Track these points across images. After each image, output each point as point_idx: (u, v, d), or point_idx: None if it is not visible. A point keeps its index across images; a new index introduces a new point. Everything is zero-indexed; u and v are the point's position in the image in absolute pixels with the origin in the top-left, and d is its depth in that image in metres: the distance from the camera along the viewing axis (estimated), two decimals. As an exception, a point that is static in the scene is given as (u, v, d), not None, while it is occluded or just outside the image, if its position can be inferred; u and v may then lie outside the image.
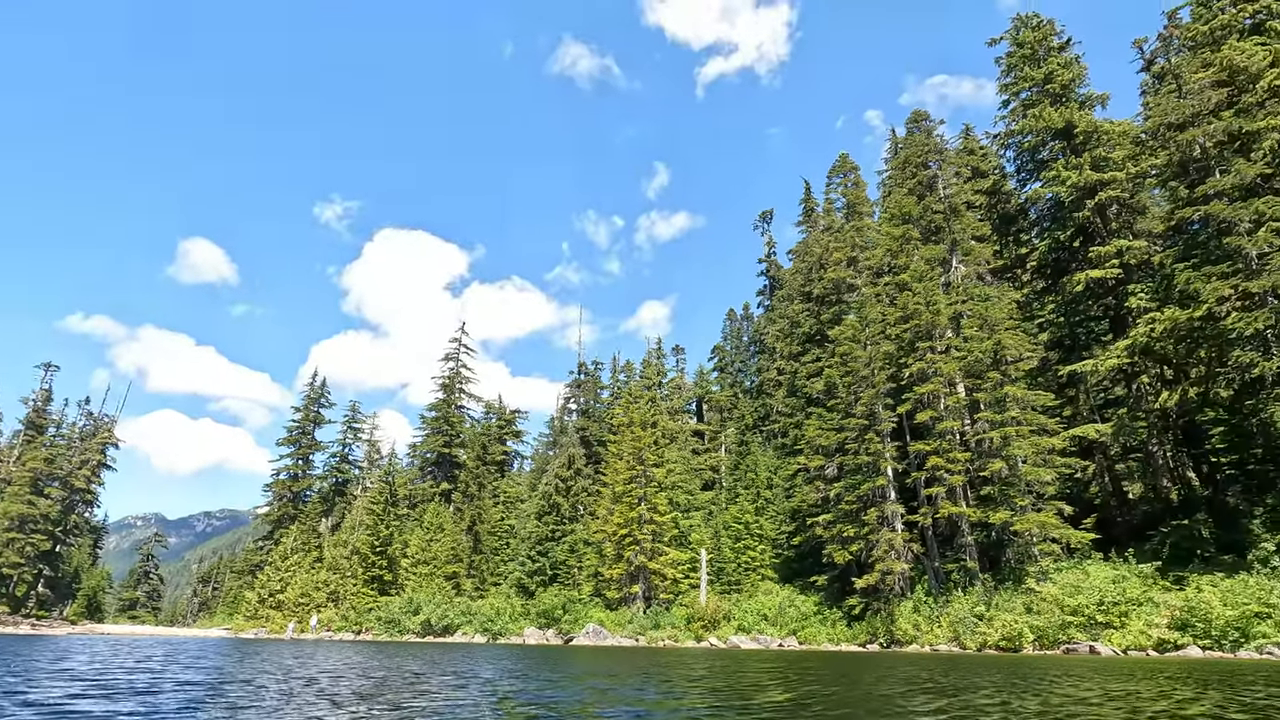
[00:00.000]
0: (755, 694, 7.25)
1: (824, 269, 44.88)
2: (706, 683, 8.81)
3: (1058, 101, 35.55)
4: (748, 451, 48.57)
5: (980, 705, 6.28)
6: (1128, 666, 14.41)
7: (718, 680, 9.34)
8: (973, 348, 30.99)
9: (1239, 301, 23.75)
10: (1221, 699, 6.92)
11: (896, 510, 30.93)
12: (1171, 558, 25.57)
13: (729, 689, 7.87)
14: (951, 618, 26.60)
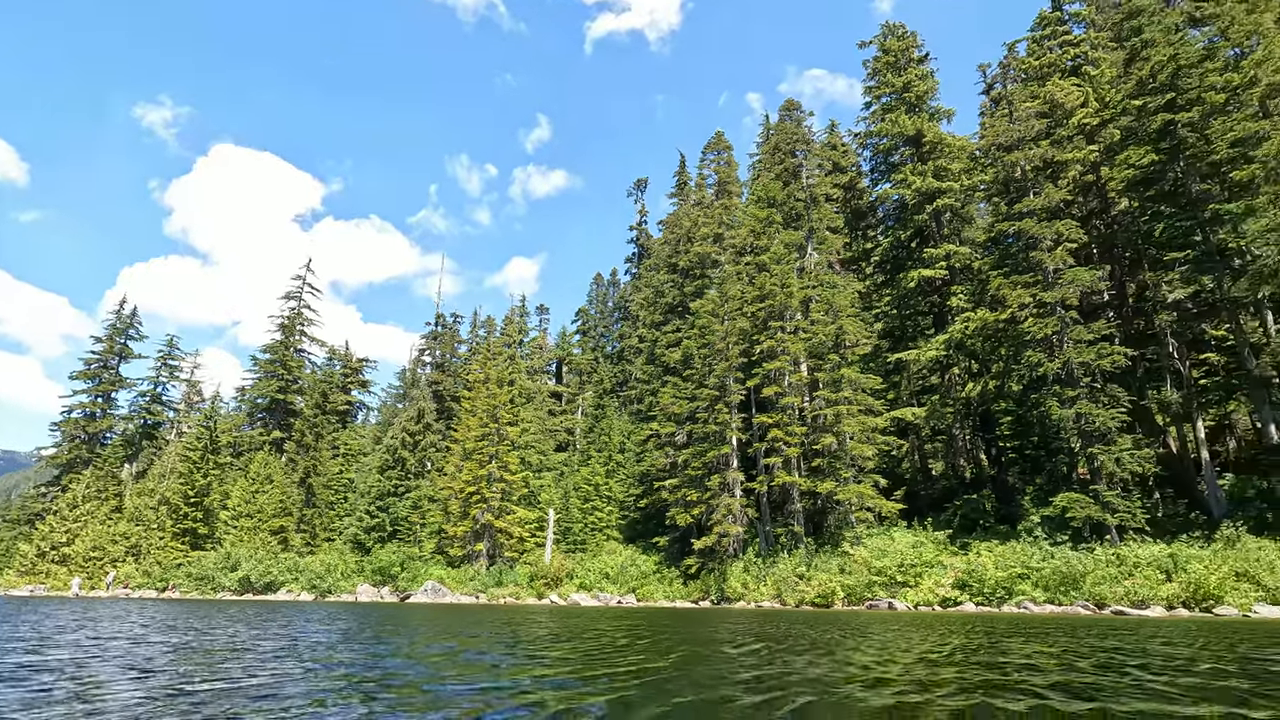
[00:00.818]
0: (621, 654, 7.31)
1: (691, 242, 45.94)
2: (570, 645, 8.81)
3: (912, 110, 38.48)
4: (604, 415, 49.23)
5: (796, 646, 6.78)
6: (913, 619, 16.40)
7: (577, 640, 9.38)
8: (818, 331, 33.24)
9: (1035, 309, 27.29)
10: (968, 642, 7.99)
11: (737, 478, 32.80)
12: (960, 527, 29.37)
13: (595, 650, 7.89)
14: (776, 577, 28.83)
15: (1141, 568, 20.87)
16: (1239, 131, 22.83)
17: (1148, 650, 7.51)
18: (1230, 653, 7.26)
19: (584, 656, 6.62)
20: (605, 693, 4.19)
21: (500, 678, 4.91)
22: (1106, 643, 8.58)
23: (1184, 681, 4.83)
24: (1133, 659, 6.49)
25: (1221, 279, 24.64)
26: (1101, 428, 24.39)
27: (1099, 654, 7.00)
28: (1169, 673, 5.36)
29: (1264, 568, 18.90)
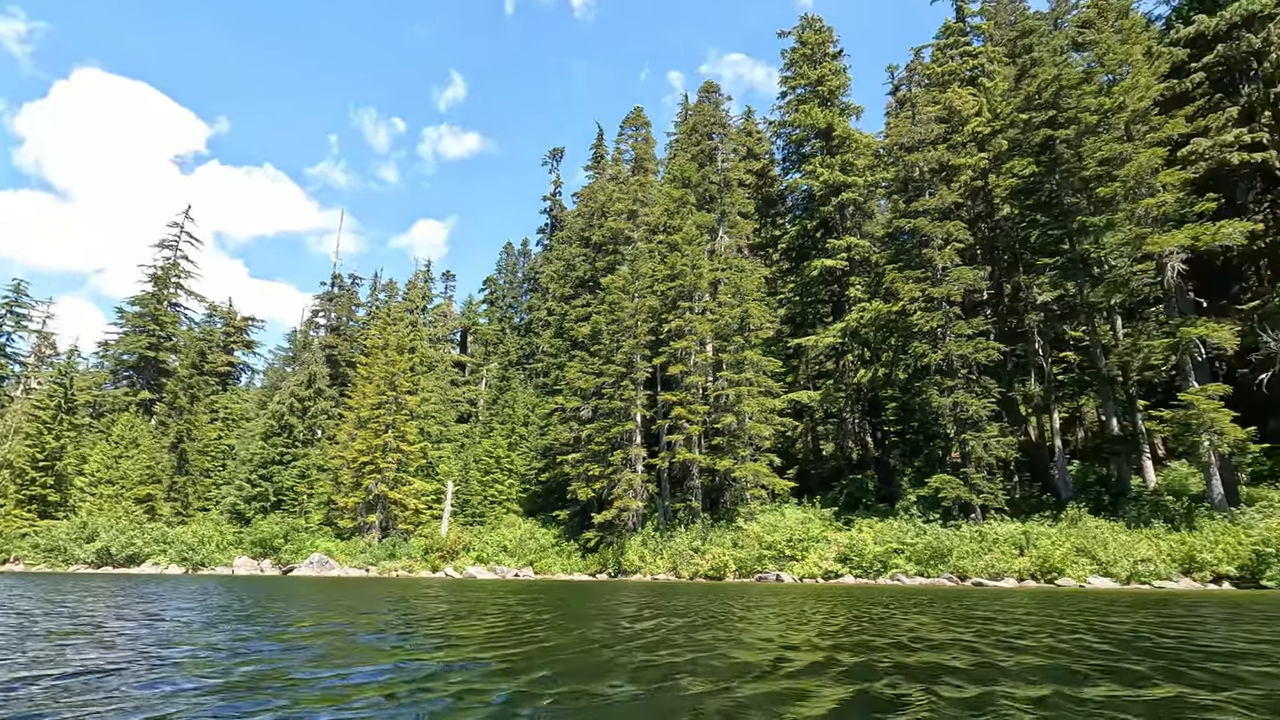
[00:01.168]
0: (528, 630, 7.22)
1: (605, 217, 45.65)
2: (470, 624, 8.61)
3: (825, 104, 39.72)
4: (508, 387, 48.48)
5: (676, 608, 6.97)
6: (798, 590, 17.35)
7: (477, 617, 9.19)
8: (725, 313, 34.02)
9: (924, 303, 29.10)
10: (861, 613, 8.55)
11: (640, 453, 33.28)
12: (845, 504, 31.21)
13: (501, 630, 7.75)
14: (672, 551, 29.62)
15: (999, 543, 22.98)
16: (1106, 151, 25.11)
17: (1019, 619, 8.27)
18: (1076, 619, 8.12)
19: (487, 636, 6.53)
20: (526, 686, 4.14)
21: (401, 659, 4.76)
22: (977, 611, 9.37)
23: (1056, 644, 5.33)
24: (1014, 628, 7.12)
25: (1082, 285, 27.21)
26: (974, 416, 26.50)
27: (992, 623, 7.63)
28: (1036, 637, 5.92)
29: (1099, 544, 21.28)
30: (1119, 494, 25.61)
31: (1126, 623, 7.67)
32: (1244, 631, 6.85)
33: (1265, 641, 5.88)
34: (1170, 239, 22.99)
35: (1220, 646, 5.55)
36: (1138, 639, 6.03)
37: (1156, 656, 4.85)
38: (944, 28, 39.30)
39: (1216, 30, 26.60)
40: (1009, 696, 3.32)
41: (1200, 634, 6.54)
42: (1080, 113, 25.93)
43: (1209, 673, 4.12)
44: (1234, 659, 4.77)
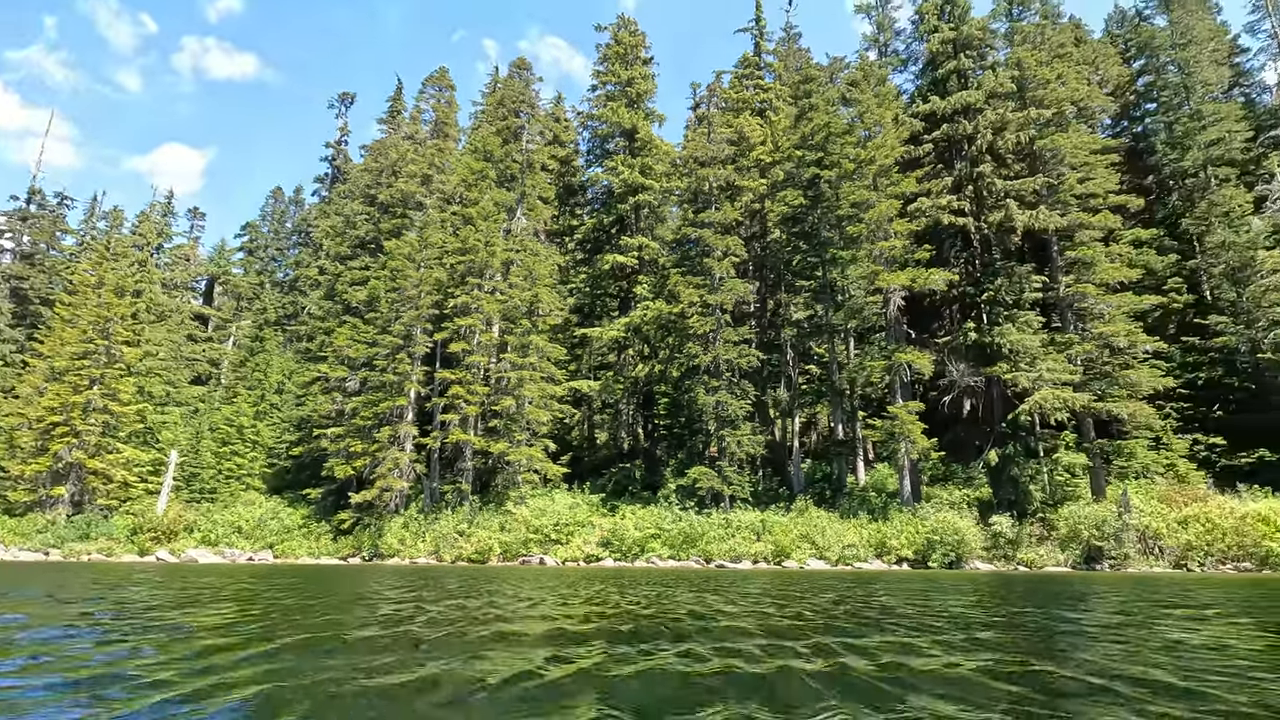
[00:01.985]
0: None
1: (396, 177, 42.49)
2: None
3: (632, 105, 41.00)
4: (262, 349, 42.99)
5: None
6: (559, 573, 17.74)
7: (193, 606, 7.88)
8: (514, 295, 33.56)
9: (701, 308, 31.39)
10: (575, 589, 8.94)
11: (410, 431, 31.53)
12: (613, 491, 32.56)
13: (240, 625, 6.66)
14: (436, 534, 28.53)
15: (742, 530, 25.65)
16: (857, 196, 29.22)
17: (790, 594, 9.15)
18: (797, 593, 9.25)
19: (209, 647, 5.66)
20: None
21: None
22: (748, 588, 10.23)
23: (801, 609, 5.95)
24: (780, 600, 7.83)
25: (828, 308, 31.38)
26: (733, 415, 29.23)
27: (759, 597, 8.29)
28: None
29: (819, 532, 24.73)
30: (838, 489, 29.98)
31: (827, 594, 8.95)
32: (900, 599, 8.37)
33: (912, 604, 7.22)
34: (896, 278, 27.44)
35: (888, 609, 6.71)
36: (836, 604, 7.05)
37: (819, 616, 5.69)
38: (743, 59, 42.79)
39: (943, 113, 32.29)
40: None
41: (877, 599, 7.85)
42: (842, 159, 29.82)
43: (868, 623, 4.93)
44: (891, 615, 5.77)
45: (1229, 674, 3.37)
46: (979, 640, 4.56)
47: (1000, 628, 5.43)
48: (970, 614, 6.64)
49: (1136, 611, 7.10)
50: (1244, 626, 5.80)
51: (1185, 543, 22.95)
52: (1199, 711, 2.52)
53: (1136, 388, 26.61)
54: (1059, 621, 6.06)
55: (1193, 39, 38.13)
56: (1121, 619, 6.35)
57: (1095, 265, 27.77)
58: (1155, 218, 37.09)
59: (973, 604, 8.04)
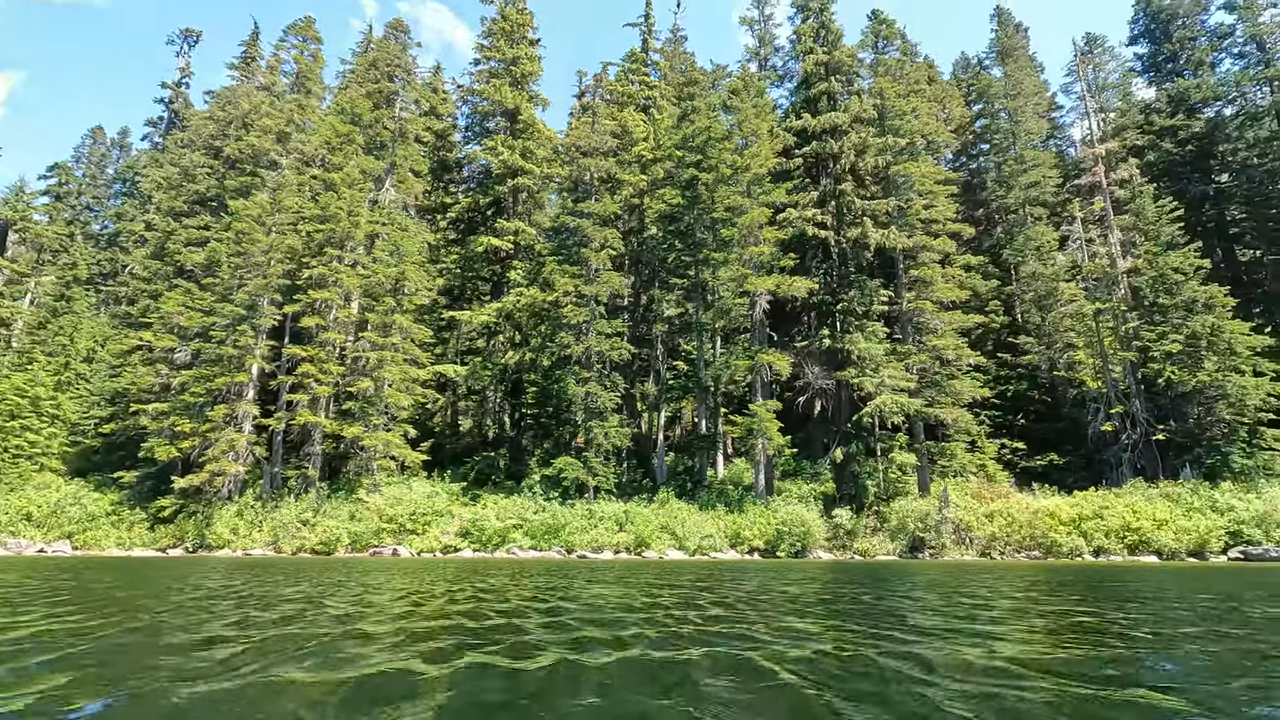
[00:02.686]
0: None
1: (248, 130, 38.50)
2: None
3: (516, 86, 39.87)
4: (69, 310, 37.40)
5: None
6: (413, 564, 16.96)
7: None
8: (379, 270, 31.60)
9: (576, 298, 31.27)
10: (453, 582, 8.65)
11: (251, 411, 28.80)
12: (475, 480, 31.65)
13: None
14: (276, 522, 26.29)
15: (605, 521, 25.87)
16: (732, 201, 30.36)
17: (677, 584, 9.15)
18: (662, 582, 9.40)
19: None
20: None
21: None
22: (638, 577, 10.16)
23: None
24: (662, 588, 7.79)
25: (699, 307, 32.38)
26: (602, 406, 29.38)
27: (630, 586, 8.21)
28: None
29: (678, 523, 25.51)
30: (698, 482, 31.08)
31: (681, 584, 9.20)
32: (751, 584, 8.81)
33: (746, 590, 7.63)
34: (763, 282, 28.83)
35: (731, 595, 7.01)
36: (695, 592, 7.25)
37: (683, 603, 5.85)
38: (630, 54, 43.01)
39: (814, 130, 34.32)
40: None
41: (724, 586, 8.18)
42: (720, 164, 30.83)
43: (703, 614, 5.12)
44: (730, 601, 6.03)
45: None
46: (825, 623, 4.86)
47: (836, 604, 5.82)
48: (808, 597, 7.08)
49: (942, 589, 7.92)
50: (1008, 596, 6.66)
51: (990, 534, 26.08)
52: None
53: (960, 396, 29.82)
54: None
55: (1021, 92, 43.26)
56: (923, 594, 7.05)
57: (933, 284, 30.76)
58: (983, 246, 41.75)
59: (818, 590, 8.60)
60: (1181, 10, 43.06)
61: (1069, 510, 26.44)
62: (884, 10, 37.30)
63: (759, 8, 43.06)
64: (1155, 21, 44.50)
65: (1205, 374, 29.24)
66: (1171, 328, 30.65)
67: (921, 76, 37.91)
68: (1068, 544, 25.00)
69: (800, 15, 38.28)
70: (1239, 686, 2.89)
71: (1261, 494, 25.65)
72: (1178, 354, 30.20)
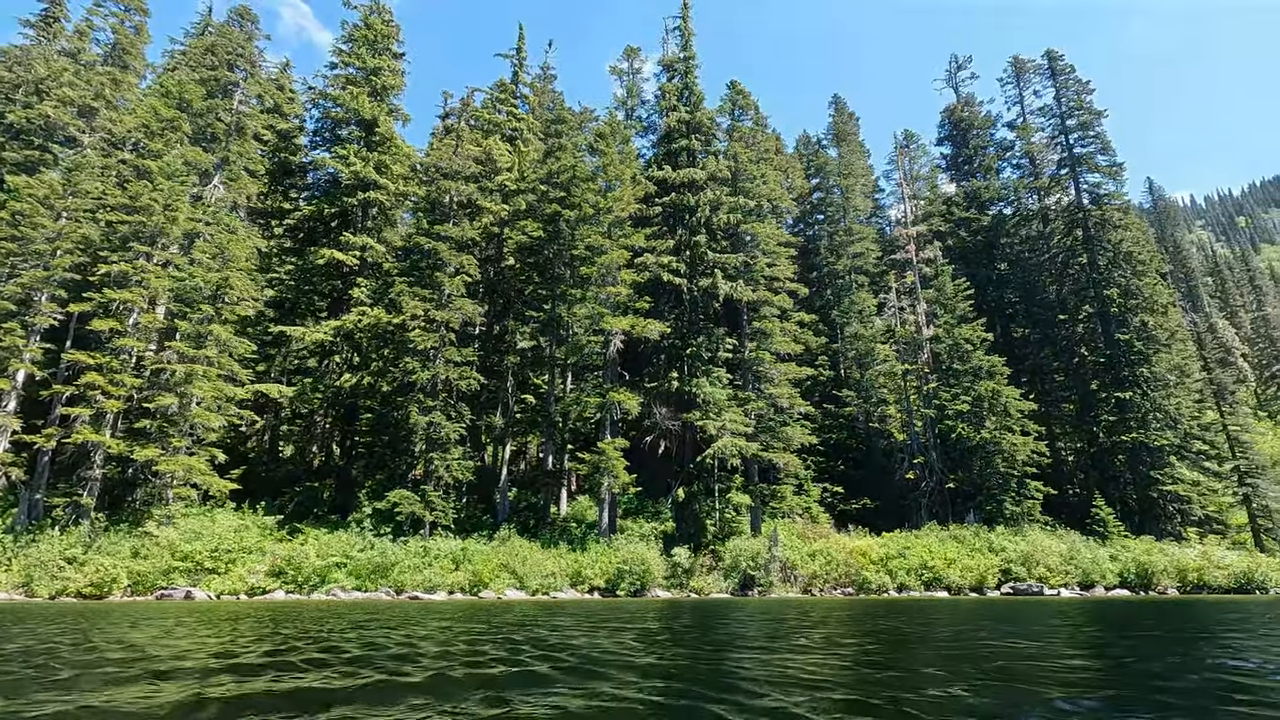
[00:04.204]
0: None
1: (41, 98, 33.18)
2: None
3: (375, 97, 38.12)
4: None
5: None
6: (209, 609, 14.89)
7: None
8: (197, 274, 28.19)
9: (425, 322, 29.87)
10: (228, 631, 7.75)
11: (9, 424, 24.11)
12: (294, 513, 28.68)
13: None
14: (31, 560, 21.94)
15: (440, 559, 24.44)
16: (592, 240, 30.87)
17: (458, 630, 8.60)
18: (474, 626, 8.97)
19: None
20: None
21: None
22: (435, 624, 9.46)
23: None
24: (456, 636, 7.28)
25: (553, 342, 32.26)
26: (445, 437, 28.05)
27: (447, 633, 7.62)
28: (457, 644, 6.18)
29: (519, 561, 24.72)
30: (541, 519, 30.46)
31: (506, 628, 8.90)
32: (570, 625, 8.74)
33: (573, 631, 7.58)
34: (619, 322, 29.40)
35: (557, 639, 6.91)
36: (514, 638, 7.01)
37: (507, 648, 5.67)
38: (499, 84, 42.84)
39: (673, 182, 36.06)
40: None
41: (540, 631, 8.04)
42: (583, 203, 31.34)
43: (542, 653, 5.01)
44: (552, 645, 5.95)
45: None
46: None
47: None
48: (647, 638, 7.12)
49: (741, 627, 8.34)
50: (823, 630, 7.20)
51: (813, 572, 27.99)
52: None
53: (791, 442, 32.08)
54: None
55: (852, 172, 48.65)
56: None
57: (772, 336, 33.12)
58: (814, 306, 45.83)
59: (650, 630, 8.66)
60: (976, 123, 51.01)
61: (878, 550, 29.14)
62: (740, 82, 40.50)
63: (629, 60, 44.96)
64: (956, 129, 52.30)
65: (987, 431, 33.87)
66: (962, 389, 35.30)
67: (771, 146, 41.42)
68: (876, 580, 27.45)
69: (666, 74, 40.47)
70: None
71: (1025, 536, 29.96)
72: (966, 413, 34.77)
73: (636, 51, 44.79)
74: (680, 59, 40.04)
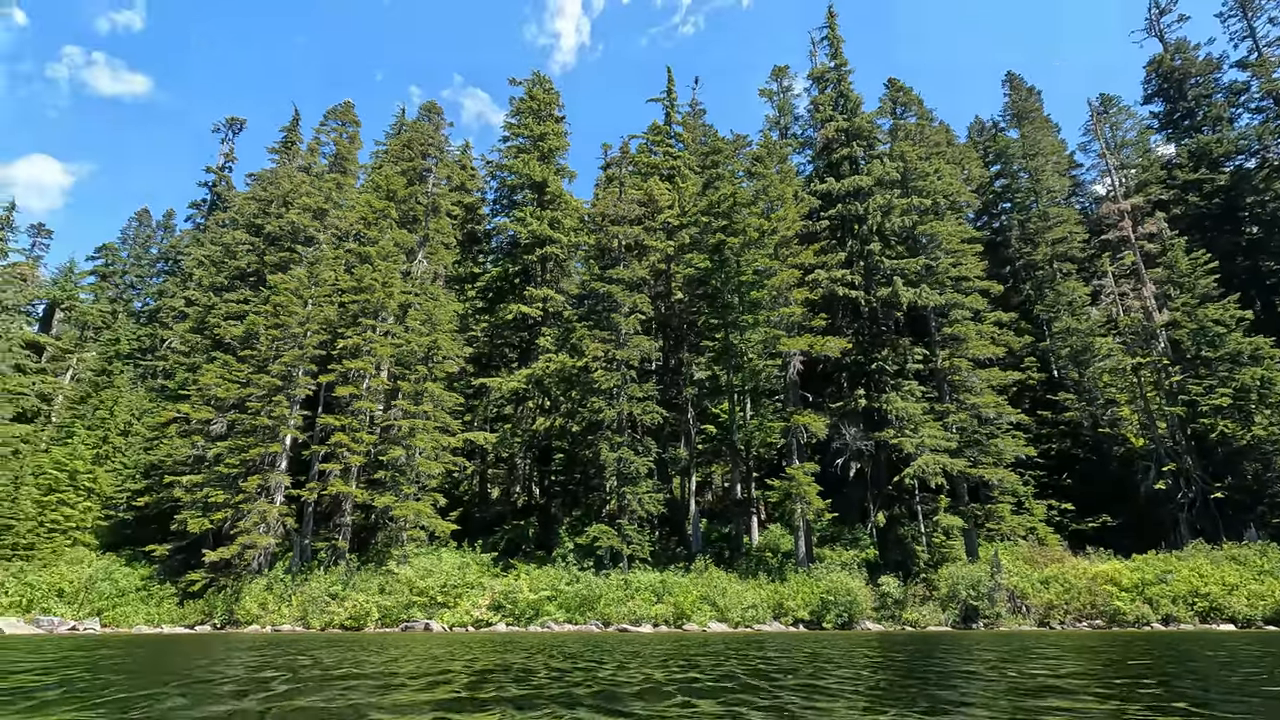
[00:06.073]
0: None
1: (287, 208, 39.98)
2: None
3: (544, 160, 41.29)
4: (109, 384, 38.18)
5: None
6: (446, 639, 16.32)
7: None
8: (412, 339, 31.98)
9: (606, 362, 31.24)
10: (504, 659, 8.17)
11: (283, 481, 28.71)
12: (505, 550, 30.96)
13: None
14: (305, 597, 25.74)
15: (641, 591, 24.95)
16: (760, 263, 30.56)
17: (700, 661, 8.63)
18: (708, 657, 8.83)
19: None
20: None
21: None
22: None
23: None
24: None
25: (729, 370, 32.16)
26: (635, 472, 28.85)
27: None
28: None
29: (719, 593, 24.50)
30: (735, 549, 30.07)
31: (726, 659, 8.63)
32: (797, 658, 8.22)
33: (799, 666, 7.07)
34: (796, 343, 28.65)
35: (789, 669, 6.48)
36: (739, 669, 6.74)
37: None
38: (652, 127, 44.51)
39: (838, 193, 34.82)
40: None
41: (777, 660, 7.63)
42: (746, 227, 31.23)
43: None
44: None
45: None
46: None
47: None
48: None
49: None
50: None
51: (1047, 602, 24.69)
52: None
53: (1002, 455, 28.90)
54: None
55: (1040, 151, 43.82)
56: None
57: (968, 341, 30.35)
58: (1011, 303, 41.38)
59: (978, 669, 7.99)
60: (1194, 70, 43.82)
61: (1129, 575, 25.06)
62: (899, 79, 38.43)
63: (777, 80, 44.63)
64: (1168, 81, 45.30)
65: (1259, 428, 28.16)
66: (1219, 381, 29.77)
67: (940, 139, 38.62)
68: (1132, 611, 23.58)
69: (818, 86, 39.54)
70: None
71: (1338, 554, 24.19)
72: (1227, 408, 29.21)
73: (785, 70, 44.37)
74: (830, 69, 38.99)
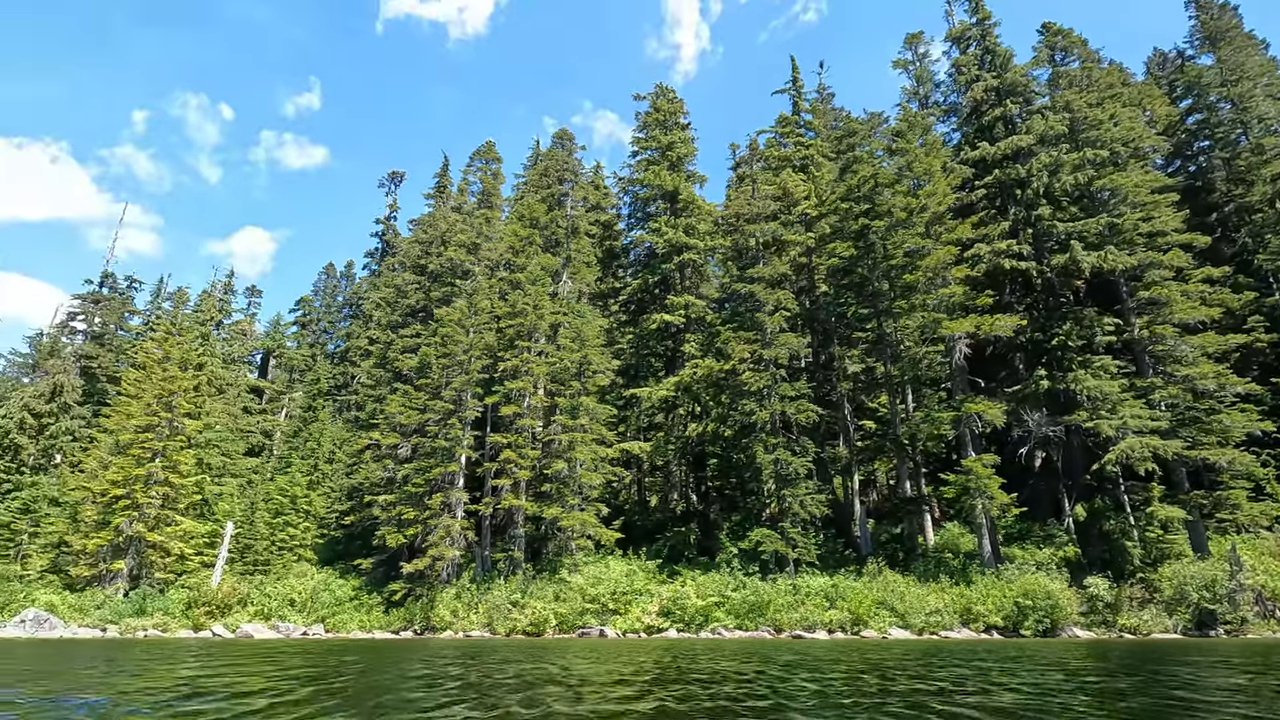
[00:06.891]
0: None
1: (445, 247, 43.57)
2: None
3: (673, 169, 41.69)
4: (314, 419, 43.54)
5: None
6: (622, 645, 16.65)
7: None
8: (564, 357, 33.44)
9: (753, 363, 30.72)
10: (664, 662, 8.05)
11: (461, 498, 31.06)
12: (668, 557, 31.28)
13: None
14: (489, 604, 27.56)
15: (812, 596, 24.09)
16: (911, 244, 28.64)
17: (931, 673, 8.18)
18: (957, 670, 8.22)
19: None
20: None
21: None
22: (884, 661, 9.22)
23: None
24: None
25: (885, 361, 30.37)
26: (793, 473, 28.03)
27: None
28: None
29: (896, 597, 23.07)
30: (909, 551, 28.23)
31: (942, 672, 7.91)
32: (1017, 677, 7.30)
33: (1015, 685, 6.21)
34: (959, 325, 26.48)
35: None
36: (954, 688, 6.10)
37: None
38: (780, 119, 43.38)
39: (993, 158, 31.86)
40: None
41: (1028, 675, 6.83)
42: (892, 208, 29.44)
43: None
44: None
45: None
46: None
47: None
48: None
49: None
50: None
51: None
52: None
53: (1229, 433, 24.79)
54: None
55: (1244, 75, 37.36)
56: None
57: (1171, 304, 26.44)
58: (1222, 256, 35.47)
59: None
60: None
61: None
62: (1055, 22, 34.51)
63: (911, 49, 41.82)
64: None
65: None
66: None
67: (1113, 80, 34.03)
68: None
69: (957, 47, 36.51)
70: None
71: None
72: None
73: (919, 36, 41.38)
74: (972, 25, 35.86)
